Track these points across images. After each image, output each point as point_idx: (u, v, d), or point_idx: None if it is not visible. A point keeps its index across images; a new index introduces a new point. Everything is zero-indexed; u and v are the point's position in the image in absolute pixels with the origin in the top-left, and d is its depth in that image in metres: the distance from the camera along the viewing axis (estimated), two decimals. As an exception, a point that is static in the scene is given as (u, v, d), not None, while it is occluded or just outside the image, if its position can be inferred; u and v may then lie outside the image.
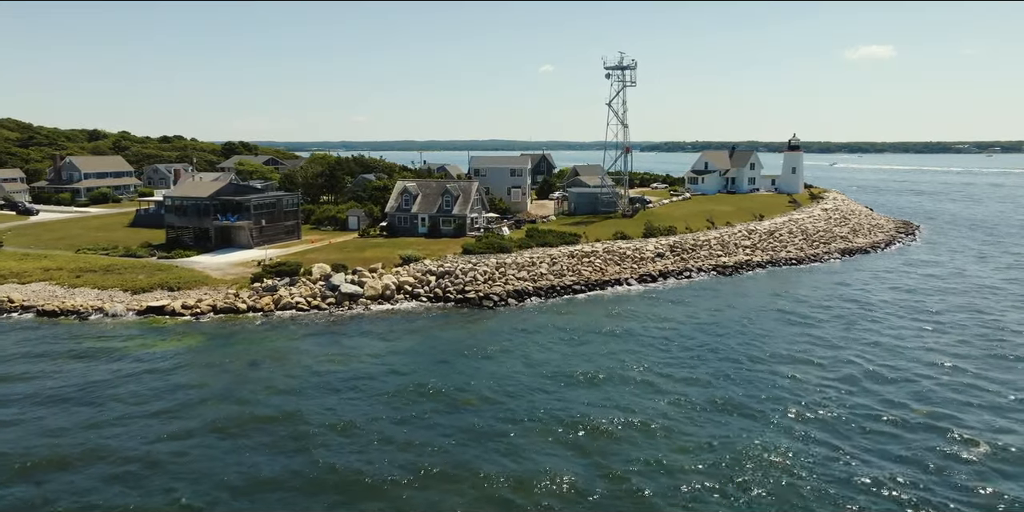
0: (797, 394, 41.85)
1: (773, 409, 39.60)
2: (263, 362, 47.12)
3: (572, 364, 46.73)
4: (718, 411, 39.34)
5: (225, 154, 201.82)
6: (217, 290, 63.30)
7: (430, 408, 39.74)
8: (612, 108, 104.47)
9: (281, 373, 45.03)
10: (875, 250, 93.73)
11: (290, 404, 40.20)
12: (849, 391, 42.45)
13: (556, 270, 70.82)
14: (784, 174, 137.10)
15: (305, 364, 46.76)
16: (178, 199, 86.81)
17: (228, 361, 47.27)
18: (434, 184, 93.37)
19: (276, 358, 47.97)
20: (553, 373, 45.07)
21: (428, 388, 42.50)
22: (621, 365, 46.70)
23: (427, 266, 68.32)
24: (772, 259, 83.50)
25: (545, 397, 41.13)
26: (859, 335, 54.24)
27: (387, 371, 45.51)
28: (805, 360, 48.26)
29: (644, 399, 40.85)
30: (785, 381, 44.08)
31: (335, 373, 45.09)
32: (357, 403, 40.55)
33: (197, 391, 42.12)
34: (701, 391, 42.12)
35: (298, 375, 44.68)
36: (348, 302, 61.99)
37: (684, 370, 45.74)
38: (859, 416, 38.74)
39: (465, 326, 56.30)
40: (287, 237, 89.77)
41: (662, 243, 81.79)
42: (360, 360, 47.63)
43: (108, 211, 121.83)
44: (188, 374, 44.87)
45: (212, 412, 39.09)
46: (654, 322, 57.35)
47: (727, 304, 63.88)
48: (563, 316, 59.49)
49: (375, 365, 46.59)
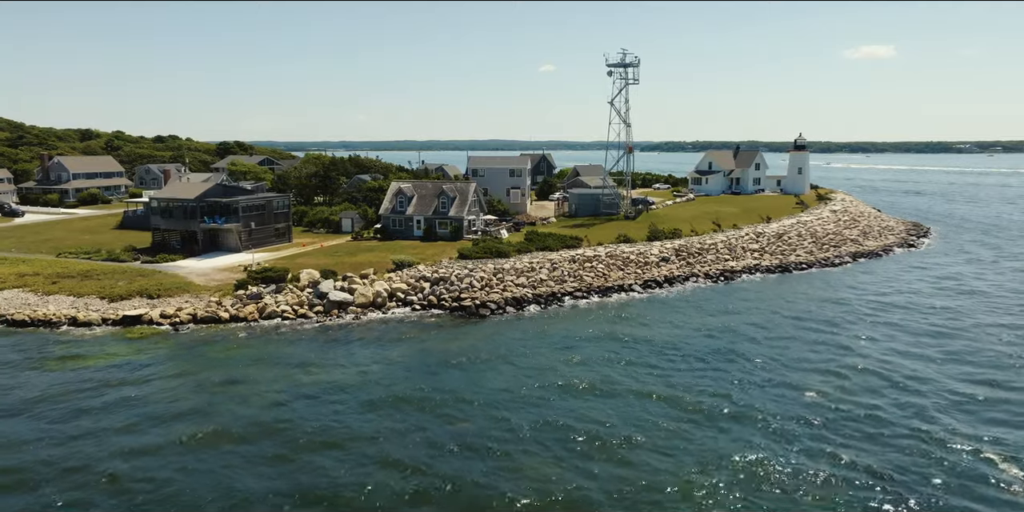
0: (821, 410, 38.57)
1: (793, 425, 36.35)
2: (241, 376, 43.86)
3: (574, 376, 43.47)
4: (734, 427, 36.07)
5: (220, 154, 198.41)
6: (199, 297, 60.02)
7: (421, 424, 36.56)
8: (614, 106, 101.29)
9: (259, 387, 41.80)
10: (887, 253, 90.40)
11: (267, 419, 37.07)
12: (874, 405, 39.16)
13: (557, 276, 67.53)
14: (790, 174, 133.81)
15: (286, 378, 43.50)
16: (164, 201, 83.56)
17: (204, 375, 44.02)
18: (430, 185, 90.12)
19: (255, 371, 44.70)
20: (553, 386, 41.82)
21: (418, 402, 39.29)
22: (627, 377, 43.44)
23: (421, 272, 65.02)
24: (781, 263, 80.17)
25: (545, 412, 37.88)
26: (879, 345, 50.92)
27: (374, 384, 42.25)
28: (826, 371, 44.95)
29: (654, 415, 37.59)
30: (806, 395, 40.80)
31: (318, 386, 41.85)
32: (342, 418, 37.37)
33: (167, 406, 38.95)
34: (715, 406, 38.84)
35: (278, 389, 41.44)
36: (337, 310, 58.69)
37: (695, 383, 42.47)
38: (884, 432, 35.48)
39: (460, 336, 53.02)
40: (278, 240, 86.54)
41: (667, 247, 78.51)
42: (346, 372, 44.37)
43: (96, 213, 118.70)
44: (160, 388, 41.60)
45: (182, 428, 35.92)
46: (661, 331, 54.09)
47: (737, 312, 60.59)
48: (564, 325, 56.22)
49: (362, 378, 43.33)
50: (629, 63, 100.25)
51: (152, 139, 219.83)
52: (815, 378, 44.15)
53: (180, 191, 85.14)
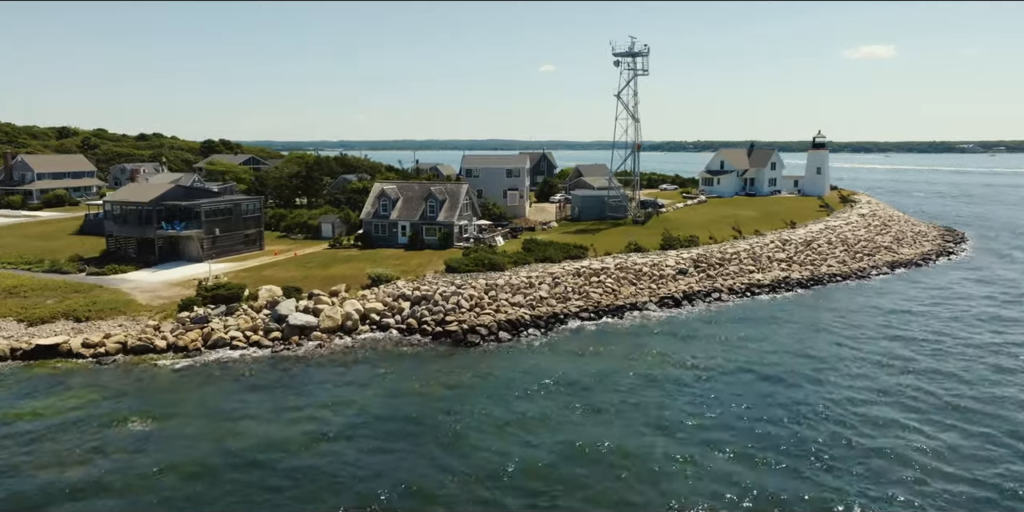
0: (887, 469, 29.31)
1: (858, 490, 27.09)
2: (149, 435, 34.32)
3: (595, 442, 33.83)
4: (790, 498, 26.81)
5: (204, 153, 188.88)
6: (136, 320, 50.68)
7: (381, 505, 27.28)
8: (621, 100, 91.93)
9: (164, 455, 32.10)
10: (926, 263, 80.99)
11: (178, 494, 27.75)
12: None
13: (559, 293, 58.07)
14: (808, 175, 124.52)
15: (209, 436, 33.98)
16: (117, 204, 74.23)
17: (114, 427, 34.68)
18: (417, 187, 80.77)
19: (173, 426, 35.20)
20: (568, 455, 32.36)
21: (378, 481, 29.92)
22: (652, 431, 34.15)
23: (400, 289, 55.59)
24: (813, 275, 70.80)
25: (548, 491, 28.59)
26: (946, 384, 41.61)
27: (323, 450, 32.87)
28: (890, 422, 35.68)
29: (691, 482, 28.31)
30: (871, 455, 31.52)
31: (248, 452, 32.34)
32: (277, 497, 28.04)
33: (53, 473, 29.61)
34: (766, 470, 29.56)
35: (190, 459, 31.80)
36: (298, 336, 49.32)
37: (733, 436, 33.19)
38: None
39: (442, 373, 43.47)
40: (247, 248, 77.14)
41: (684, 257, 69.10)
42: (290, 429, 34.91)
43: (60, 215, 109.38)
44: (49, 448, 32.28)
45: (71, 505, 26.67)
46: (685, 363, 44.72)
47: (772, 338, 51.26)
48: (568, 356, 46.80)
49: (307, 439, 33.85)
50: (638, 52, 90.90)
51: (135, 137, 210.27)
52: (880, 427, 34.78)
53: (135, 193, 75.77)
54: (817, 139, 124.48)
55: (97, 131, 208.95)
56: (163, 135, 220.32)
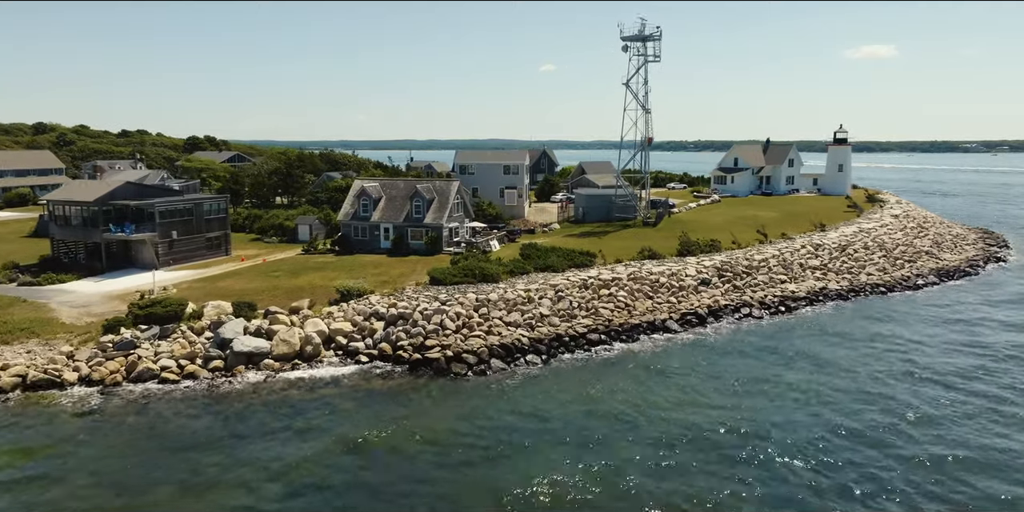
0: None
1: None
2: (35, 500, 25.53)
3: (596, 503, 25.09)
4: None
5: (188, 150, 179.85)
6: (50, 345, 41.67)
7: None
8: (630, 88, 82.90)
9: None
10: (975, 270, 71.88)
11: None
12: None
13: (563, 310, 48.93)
14: (828, 172, 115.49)
15: (109, 503, 25.15)
16: (59, 204, 65.23)
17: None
18: (401, 184, 71.77)
19: (54, 497, 26.34)
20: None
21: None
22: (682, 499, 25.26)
23: (373, 305, 46.43)
24: (852, 285, 61.79)
25: None
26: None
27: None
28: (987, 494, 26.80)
29: None
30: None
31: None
32: None
33: None
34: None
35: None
36: (245, 365, 40.29)
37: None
38: None
39: (418, 418, 34.33)
40: (210, 253, 68.12)
41: (706, 264, 60.04)
42: (207, 507, 26.04)
43: (18, 216, 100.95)
44: None
45: None
46: (720, 403, 35.79)
47: (819, 366, 42.29)
48: (576, 394, 37.63)
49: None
50: (648, 35, 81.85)
51: (116, 134, 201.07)
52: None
53: (79, 192, 66.62)
54: (839, 134, 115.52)
55: (78, 127, 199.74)
56: (147, 132, 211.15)
